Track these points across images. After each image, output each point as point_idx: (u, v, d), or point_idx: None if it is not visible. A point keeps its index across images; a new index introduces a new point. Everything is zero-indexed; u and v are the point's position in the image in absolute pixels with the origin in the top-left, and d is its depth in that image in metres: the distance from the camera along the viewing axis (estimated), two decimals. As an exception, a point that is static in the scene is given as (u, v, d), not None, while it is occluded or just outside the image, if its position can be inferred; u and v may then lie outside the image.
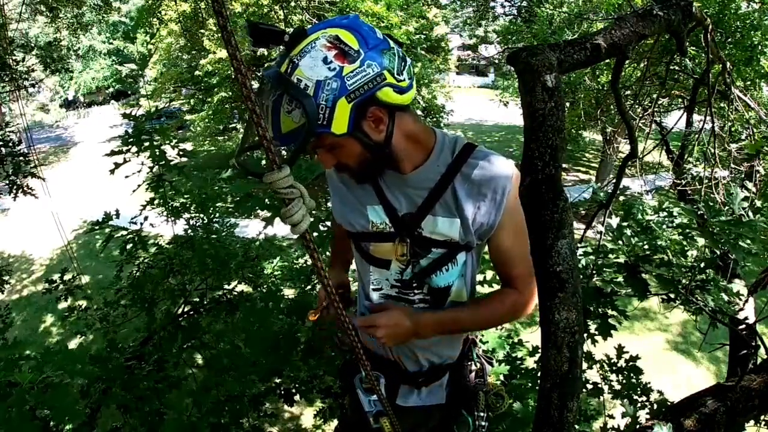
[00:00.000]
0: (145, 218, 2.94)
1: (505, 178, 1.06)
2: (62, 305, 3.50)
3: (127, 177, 2.75)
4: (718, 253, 1.80)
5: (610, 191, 1.77)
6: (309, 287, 3.05)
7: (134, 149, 2.64)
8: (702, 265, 1.75)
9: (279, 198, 0.66)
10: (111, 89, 26.42)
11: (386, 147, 1.00)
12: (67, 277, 3.47)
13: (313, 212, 2.48)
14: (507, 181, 1.06)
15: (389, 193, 1.11)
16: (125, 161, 2.66)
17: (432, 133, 1.09)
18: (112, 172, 2.62)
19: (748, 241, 1.65)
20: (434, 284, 1.16)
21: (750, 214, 1.63)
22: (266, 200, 2.37)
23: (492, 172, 1.06)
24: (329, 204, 1.32)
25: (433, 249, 1.12)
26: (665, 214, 1.91)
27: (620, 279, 1.79)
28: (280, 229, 2.61)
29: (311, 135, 0.87)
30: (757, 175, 2.91)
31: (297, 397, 2.74)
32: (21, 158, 5.07)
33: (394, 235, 1.12)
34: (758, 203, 2.42)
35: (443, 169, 1.07)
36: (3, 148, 4.93)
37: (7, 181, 4.83)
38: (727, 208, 1.73)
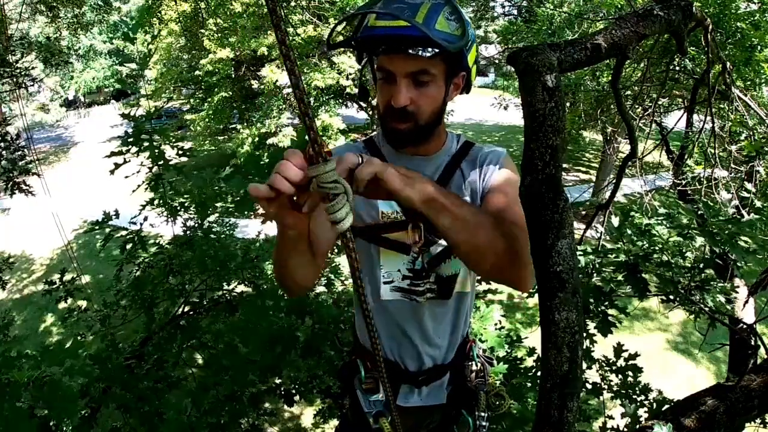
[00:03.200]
0: (145, 218, 2.93)
1: (500, 153, 1.17)
2: (62, 305, 3.49)
3: (126, 177, 2.75)
4: (717, 251, 1.80)
5: (610, 192, 1.77)
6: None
7: (134, 149, 2.64)
8: (701, 265, 1.75)
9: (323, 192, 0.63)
10: (111, 89, 26.39)
11: (443, 114, 1.09)
12: (67, 278, 3.46)
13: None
14: (502, 155, 1.17)
15: None
16: (125, 161, 2.66)
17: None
18: (111, 172, 2.62)
19: (747, 240, 1.65)
20: (442, 273, 1.18)
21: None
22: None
23: (491, 151, 1.18)
24: None
25: None
26: (663, 216, 1.91)
27: (620, 278, 1.79)
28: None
29: (464, 45, 0.96)
30: (757, 175, 2.91)
31: (297, 398, 2.74)
32: (18, 154, 5.02)
33: (405, 223, 1.13)
34: (758, 203, 2.42)
35: (449, 157, 1.17)
36: (1, 143, 4.88)
37: (5, 178, 4.78)
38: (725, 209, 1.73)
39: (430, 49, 0.94)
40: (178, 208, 3.00)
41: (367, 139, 1.23)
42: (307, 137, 0.59)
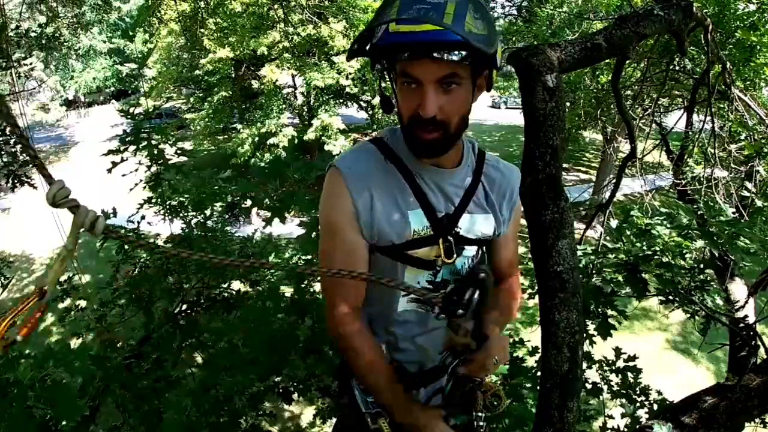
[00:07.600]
0: (142, 217, 2.93)
1: (517, 178, 1.14)
2: (61, 305, 3.49)
3: (124, 176, 2.74)
4: (717, 254, 1.80)
5: (609, 192, 1.77)
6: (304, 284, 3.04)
7: (132, 148, 2.63)
8: (701, 266, 1.75)
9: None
10: (111, 89, 26.40)
11: (469, 118, 1.03)
12: (63, 277, 3.45)
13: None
14: (518, 181, 1.14)
15: (429, 191, 1.10)
16: (123, 160, 2.65)
17: None
18: (109, 171, 2.62)
19: (746, 241, 1.65)
20: None
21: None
22: (266, 201, 2.36)
23: (509, 172, 1.20)
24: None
25: (466, 247, 1.15)
26: (664, 216, 1.90)
27: (620, 278, 1.79)
28: (278, 228, 2.61)
29: (494, 44, 0.90)
30: (757, 176, 2.90)
31: (296, 396, 2.73)
32: (19, 147, 4.98)
33: (433, 239, 1.10)
34: (759, 203, 2.42)
35: (471, 169, 1.15)
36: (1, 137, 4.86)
37: (5, 172, 4.76)
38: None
39: (458, 53, 0.88)
40: (177, 207, 2.99)
41: (377, 140, 1.14)
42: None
